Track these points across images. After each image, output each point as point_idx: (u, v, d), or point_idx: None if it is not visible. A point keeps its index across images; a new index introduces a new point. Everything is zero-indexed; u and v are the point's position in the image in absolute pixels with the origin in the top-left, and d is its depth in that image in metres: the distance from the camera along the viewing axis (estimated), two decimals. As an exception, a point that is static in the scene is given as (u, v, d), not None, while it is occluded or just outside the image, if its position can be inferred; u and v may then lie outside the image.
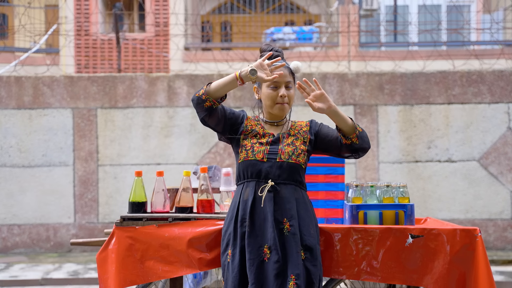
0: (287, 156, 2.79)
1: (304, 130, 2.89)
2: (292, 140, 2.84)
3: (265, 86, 2.84)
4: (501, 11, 10.12)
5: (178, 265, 2.98)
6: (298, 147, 2.82)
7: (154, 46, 9.84)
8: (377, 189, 3.17)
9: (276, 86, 2.83)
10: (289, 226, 2.73)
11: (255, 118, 2.93)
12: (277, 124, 2.90)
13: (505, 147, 7.04)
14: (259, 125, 2.89)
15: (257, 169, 2.78)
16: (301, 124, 2.92)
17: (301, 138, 2.86)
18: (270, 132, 2.87)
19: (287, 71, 2.84)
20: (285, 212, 2.75)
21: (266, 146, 2.81)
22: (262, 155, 2.78)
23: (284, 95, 2.81)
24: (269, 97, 2.84)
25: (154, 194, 3.14)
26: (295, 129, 2.89)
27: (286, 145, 2.82)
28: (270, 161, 2.77)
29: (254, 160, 2.78)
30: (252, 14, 11.71)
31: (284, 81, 2.82)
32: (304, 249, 2.73)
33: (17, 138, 7.11)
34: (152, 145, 7.11)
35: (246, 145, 2.83)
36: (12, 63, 7.81)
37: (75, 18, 9.62)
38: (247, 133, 2.86)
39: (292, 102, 2.88)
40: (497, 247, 7.01)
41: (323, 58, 8.25)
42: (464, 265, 2.88)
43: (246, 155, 2.81)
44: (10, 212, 7.08)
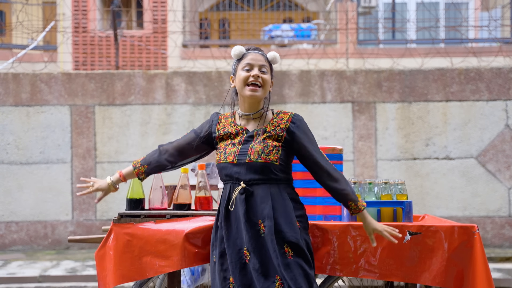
0: (257, 155, 2.69)
1: (281, 127, 2.75)
2: (265, 138, 2.74)
3: (239, 69, 2.79)
4: (499, 9, 10.12)
5: (174, 260, 2.98)
6: (269, 144, 2.71)
7: (152, 43, 9.83)
8: (375, 186, 3.17)
9: (249, 69, 2.76)
10: (263, 227, 2.67)
11: (230, 115, 2.87)
12: (253, 118, 2.80)
13: (503, 145, 7.05)
14: (232, 123, 2.82)
15: (229, 172, 2.73)
16: (282, 118, 2.78)
17: (275, 135, 2.74)
18: (244, 127, 2.79)
19: (263, 57, 2.79)
20: (259, 213, 2.69)
21: (237, 147, 2.74)
22: (232, 157, 2.73)
23: (257, 75, 2.73)
24: (240, 78, 2.77)
25: (152, 191, 3.13)
26: (273, 124, 2.76)
27: (257, 143, 2.72)
28: (240, 162, 2.71)
29: (224, 163, 2.74)
30: (250, 11, 11.71)
31: (257, 64, 2.75)
32: (289, 246, 2.67)
33: (15, 135, 7.09)
34: (150, 142, 7.10)
35: (220, 147, 2.80)
36: (10, 60, 7.79)
37: (73, 15, 9.59)
38: (221, 136, 2.81)
39: (267, 87, 2.77)
40: (495, 244, 7.02)
41: (321, 55, 8.24)
42: (462, 262, 2.88)
43: (219, 157, 2.78)
44: (7, 209, 7.07)
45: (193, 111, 7.13)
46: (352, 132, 7.11)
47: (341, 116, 7.12)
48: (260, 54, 2.80)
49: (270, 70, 2.82)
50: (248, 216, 2.69)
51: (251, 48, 2.84)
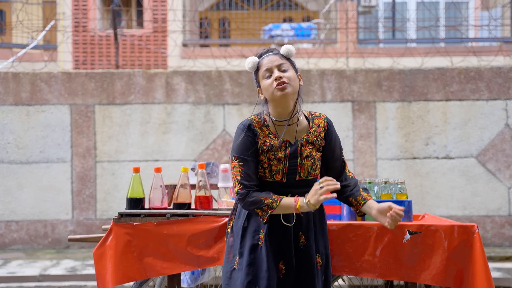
0: (306, 173, 2.64)
1: (321, 136, 2.69)
2: (310, 151, 2.66)
3: (262, 80, 2.66)
4: (499, 8, 10.12)
5: (177, 262, 2.99)
6: (315, 159, 2.66)
7: (152, 42, 9.83)
8: (375, 185, 3.17)
9: (270, 74, 2.63)
10: (304, 239, 2.65)
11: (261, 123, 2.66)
12: (289, 123, 2.66)
13: (502, 144, 7.05)
14: (271, 135, 2.64)
15: (277, 189, 2.63)
16: (319, 125, 2.71)
17: (318, 146, 2.68)
18: (285, 139, 2.64)
19: (277, 56, 2.65)
20: (300, 225, 2.65)
21: (284, 162, 2.61)
22: (281, 176, 2.62)
23: (278, 76, 2.59)
24: (266, 87, 2.63)
25: (152, 190, 3.13)
26: (314, 133, 2.69)
27: (305, 159, 2.63)
28: (289, 181, 2.62)
29: (272, 181, 2.63)
30: (250, 11, 11.70)
31: (274, 65, 2.62)
32: (321, 254, 2.69)
33: (15, 135, 7.10)
34: (150, 141, 7.11)
35: (263, 160, 2.63)
36: (10, 59, 7.79)
37: (73, 14, 9.59)
38: (264, 147, 2.63)
39: (295, 83, 2.63)
40: (495, 243, 7.02)
41: (321, 54, 8.24)
42: (462, 261, 2.88)
43: (264, 174, 2.63)
44: (7, 209, 7.07)
45: (193, 110, 7.13)
46: (352, 131, 7.11)
47: (341, 115, 7.12)
48: (273, 54, 2.67)
49: (291, 65, 2.67)
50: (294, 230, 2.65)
51: (263, 53, 2.71)
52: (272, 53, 2.69)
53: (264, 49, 2.74)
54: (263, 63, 2.66)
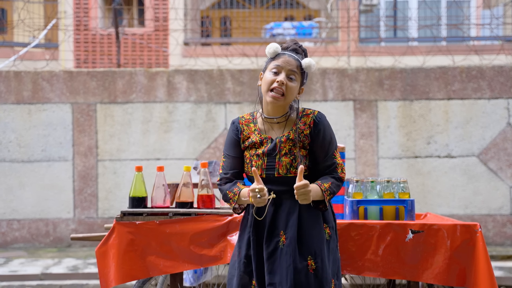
0: (285, 170, 2.60)
1: (305, 133, 2.62)
2: (290, 148, 2.61)
3: (268, 70, 2.63)
4: (501, 7, 10.10)
5: (180, 261, 2.99)
6: (296, 156, 2.60)
7: (153, 41, 9.83)
8: (378, 184, 3.17)
9: (277, 72, 2.60)
10: (285, 238, 2.59)
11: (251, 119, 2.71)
12: (278, 121, 2.66)
13: (504, 143, 7.05)
14: (256, 131, 2.67)
15: None
16: (305, 122, 2.65)
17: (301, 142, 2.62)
18: (268, 136, 2.66)
19: (296, 62, 2.61)
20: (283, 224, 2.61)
21: (263, 159, 2.62)
22: (260, 172, 2.61)
23: (282, 81, 2.56)
24: (266, 81, 2.61)
25: (154, 189, 3.13)
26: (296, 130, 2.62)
27: (284, 155, 2.61)
28: (268, 177, 2.61)
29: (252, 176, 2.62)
30: (251, 9, 11.69)
31: (287, 68, 2.59)
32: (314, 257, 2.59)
33: (17, 133, 7.10)
34: (152, 140, 7.11)
35: (246, 156, 2.69)
36: (11, 58, 7.79)
37: (74, 12, 9.59)
38: (246, 144, 2.68)
39: (291, 96, 2.60)
40: (496, 242, 7.02)
41: (322, 53, 8.24)
42: (465, 260, 2.89)
43: (247, 169, 2.69)
44: (9, 207, 7.08)
45: (194, 109, 7.13)
46: (353, 130, 7.11)
47: (343, 114, 7.12)
48: (294, 59, 2.62)
49: (300, 77, 2.63)
50: (271, 227, 2.62)
51: (288, 48, 2.67)
52: (294, 56, 2.64)
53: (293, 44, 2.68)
54: (281, 58, 2.63)
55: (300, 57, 2.67)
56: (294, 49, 2.67)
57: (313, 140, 2.63)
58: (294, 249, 2.57)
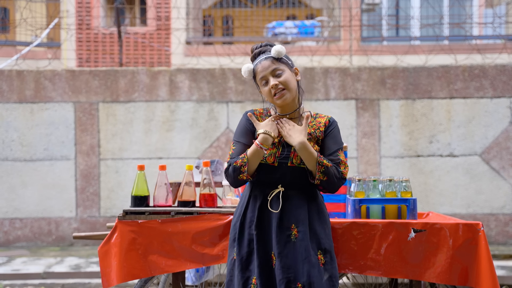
0: (299, 160, 2.65)
1: (321, 130, 2.73)
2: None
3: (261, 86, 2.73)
4: (504, 6, 10.09)
5: (182, 260, 2.99)
6: None
7: (155, 40, 9.83)
8: (380, 183, 3.17)
9: (266, 81, 2.69)
10: (297, 232, 2.62)
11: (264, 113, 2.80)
12: (291, 117, 2.74)
13: (507, 142, 7.04)
14: None
15: (268, 173, 2.67)
16: (320, 122, 2.76)
17: (315, 138, 2.72)
18: None
19: (269, 61, 2.69)
20: (294, 218, 2.64)
21: (278, 148, 2.67)
22: (273, 159, 2.66)
23: (274, 84, 2.65)
24: (265, 94, 2.72)
25: (156, 188, 3.14)
26: (312, 126, 2.74)
27: None
28: (281, 166, 2.65)
29: (264, 164, 2.66)
30: (253, 8, 11.69)
31: (268, 72, 2.67)
32: (324, 252, 2.64)
33: (19, 132, 7.11)
34: (154, 139, 7.11)
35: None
36: (14, 57, 7.80)
37: (77, 12, 9.60)
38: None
39: (291, 84, 2.68)
40: (499, 241, 7.01)
41: (325, 52, 8.23)
42: (467, 259, 2.88)
43: None
44: (12, 206, 7.09)
45: (196, 108, 7.14)
46: (355, 129, 7.10)
47: (345, 113, 7.11)
48: (265, 59, 2.70)
49: (283, 64, 2.71)
50: (281, 221, 2.64)
51: (255, 56, 2.75)
52: (264, 57, 2.71)
53: (256, 49, 2.76)
54: (258, 70, 2.72)
55: (268, 52, 2.73)
56: (259, 52, 2.75)
57: (325, 136, 2.73)
58: (308, 243, 2.62)
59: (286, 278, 2.58)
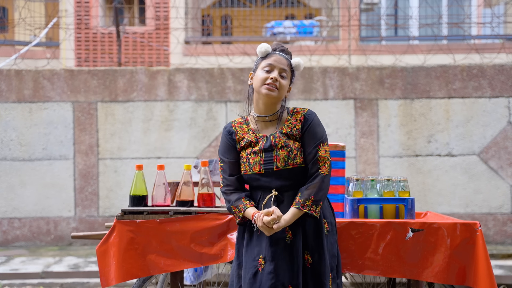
0: (283, 162, 2.64)
1: (297, 127, 2.70)
2: (285, 141, 2.68)
3: (260, 68, 2.72)
4: (502, 5, 10.10)
5: (180, 259, 3.00)
6: (292, 148, 2.66)
7: (154, 39, 9.83)
8: (378, 183, 3.18)
9: (270, 70, 2.70)
10: (291, 235, 2.63)
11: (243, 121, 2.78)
12: (270, 120, 2.74)
13: (505, 142, 7.05)
14: (250, 131, 2.74)
15: (257, 182, 2.68)
16: (296, 118, 2.73)
17: (293, 136, 2.69)
18: (262, 134, 2.72)
19: (286, 61, 2.73)
20: None
21: (260, 155, 2.67)
22: (258, 167, 2.66)
23: (275, 77, 2.66)
24: (259, 78, 2.70)
25: (155, 188, 3.14)
26: (288, 125, 2.71)
27: (280, 149, 2.66)
28: (267, 172, 2.65)
29: (252, 174, 2.68)
30: (252, 8, 11.69)
31: (279, 67, 2.69)
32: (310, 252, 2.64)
33: (18, 132, 7.11)
34: (153, 138, 7.11)
35: (243, 156, 2.72)
36: (12, 56, 7.80)
37: (75, 11, 9.60)
38: (242, 144, 2.73)
39: (284, 93, 2.71)
40: (497, 241, 7.03)
41: (323, 52, 8.24)
42: (464, 258, 2.89)
43: (244, 168, 2.70)
44: (10, 206, 7.09)
45: (195, 108, 7.14)
46: (354, 129, 7.11)
47: (343, 113, 7.12)
48: (285, 58, 2.73)
49: (290, 75, 2.75)
50: None
51: (277, 49, 2.78)
52: (285, 55, 2.75)
53: (280, 45, 2.80)
54: (272, 57, 2.73)
55: (289, 57, 2.78)
56: (282, 50, 2.79)
57: (303, 133, 2.70)
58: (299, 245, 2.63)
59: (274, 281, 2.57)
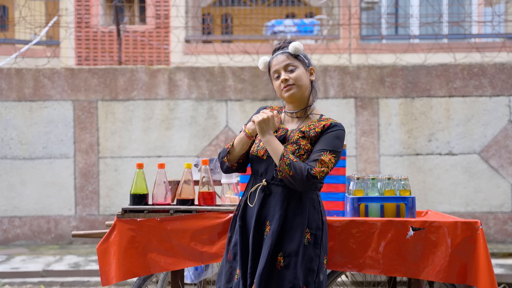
0: None
1: (317, 131, 2.66)
2: (298, 138, 2.67)
3: (273, 79, 2.77)
4: (503, 4, 10.09)
5: (181, 258, 3.00)
6: (302, 147, 2.65)
7: (154, 38, 9.83)
8: (379, 181, 3.17)
9: (278, 75, 2.74)
10: (268, 230, 2.63)
11: (278, 110, 2.85)
12: (297, 116, 2.77)
13: (506, 140, 7.04)
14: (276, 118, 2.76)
15: (257, 165, 2.72)
16: (320, 124, 2.69)
17: (308, 137, 2.66)
18: (285, 127, 2.75)
19: (285, 56, 2.73)
20: (270, 215, 2.64)
21: None
22: (263, 152, 2.69)
23: (285, 78, 2.69)
24: (276, 87, 2.76)
25: (155, 186, 3.14)
26: (309, 126, 2.69)
27: (291, 144, 2.66)
28: (268, 159, 2.67)
29: (255, 155, 2.72)
30: (253, 7, 11.69)
31: (281, 66, 2.72)
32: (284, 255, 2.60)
33: (18, 130, 7.11)
34: (153, 137, 7.11)
35: (257, 138, 2.76)
36: (13, 55, 7.80)
37: (76, 10, 9.59)
38: None
39: (302, 82, 2.70)
40: (497, 240, 7.02)
41: (324, 50, 8.23)
42: (465, 257, 2.89)
43: (253, 148, 2.74)
44: (11, 204, 7.09)
45: (195, 107, 7.14)
46: (354, 127, 7.11)
47: (344, 111, 7.12)
48: (282, 54, 2.74)
49: (299, 62, 2.74)
50: (259, 215, 2.65)
51: (274, 51, 2.80)
52: (281, 52, 2.77)
53: (277, 45, 2.83)
54: (272, 63, 2.78)
55: (286, 48, 2.77)
56: (277, 48, 2.81)
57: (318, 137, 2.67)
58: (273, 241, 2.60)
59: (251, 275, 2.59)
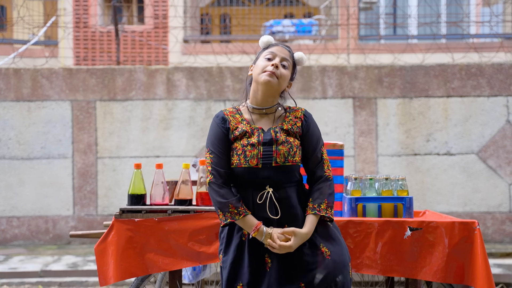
0: (283, 158, 2.56)
1: (298, 125, 2.63)
2: (286, 137, 2.59)
3: (261, 58, 2.67)
4: (501, 4, 10.10)
5: (178, 258, 3.00)
6: (293, 145, 2.59)
7: (153, 38, 9.82)
8: (376, 182, 3.18)
9: (271, 58, 2.63)
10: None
11: (235, 111, 2.67)
12: (266, 112, 2.66)
13: (503, 140, 7.05)
14: (244, 121, 2.63)
15: (254, 176, 2.57)
16: (295, 115, 2.66)
17: (294, 134, 2.62)
18: (258, 126, 2.62)
19: (288, 52, 2.68)
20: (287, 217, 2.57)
21: (258, 148, 2.56)
22: (256, 161, 2.55)
23: (276, 64, 2.59)
24: (260, 66, 2.63)
25: (153, 187, 3.14)
26: (289, 122, 2.64)
27: (281, 144, 2.57)
28: (265, 167, 2.55)
29: (247, 167, 2.56)
30: (251, 7, 11.69)
31: (281, 55, 2.64)
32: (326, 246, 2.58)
33: (16, 130, 7.10)
34: (151, 137, 7.11)
35: (237, 148, 2.58)
36: (11, 55, 7.79)
37: (74, 10, 9.59)
38: (236, 133, 2.60)
39: (283, 84, 2.63)
40: (495, 240, 7.03)
41: (322, 50, 8.24)
42: (463, 257, 2.89)
43: (238, 161, 2.57)
44: (9, 204, 7.09)
45: (194, 107, 7.14)
46: (353, 127, 7.11)
47: (342, 111, 7.12)
48: (287, 50, 2.70)
49: (292, 68, 2.69)
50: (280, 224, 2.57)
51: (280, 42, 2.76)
52: (287, 48, 2.73)
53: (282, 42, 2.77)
54: (274, 47, 2.69)
55: (291, 50, 2.74)
56: (285, 44, 2.77)
57: (303, 133, 2.64)
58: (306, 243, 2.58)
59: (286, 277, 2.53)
